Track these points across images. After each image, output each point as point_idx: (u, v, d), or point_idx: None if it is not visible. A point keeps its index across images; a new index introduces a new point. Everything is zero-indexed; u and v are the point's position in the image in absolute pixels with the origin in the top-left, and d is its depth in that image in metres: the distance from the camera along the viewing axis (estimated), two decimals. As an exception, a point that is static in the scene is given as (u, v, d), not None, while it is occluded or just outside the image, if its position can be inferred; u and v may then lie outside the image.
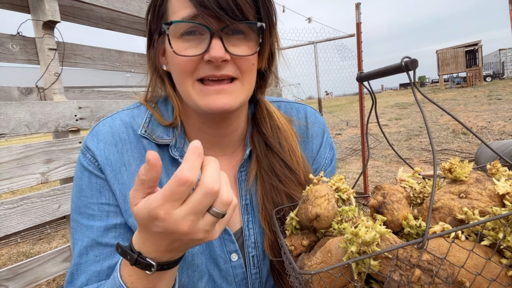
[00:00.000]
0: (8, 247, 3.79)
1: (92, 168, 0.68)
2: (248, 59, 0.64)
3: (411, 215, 0.50)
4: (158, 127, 0.73)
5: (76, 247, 0.68)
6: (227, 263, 0.73)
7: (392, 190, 0.54)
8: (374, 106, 0.61)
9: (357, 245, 0.42)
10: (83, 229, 0.68)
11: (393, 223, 0.51)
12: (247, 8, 0.59)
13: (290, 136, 0.79)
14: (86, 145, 0.70)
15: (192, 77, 0.63)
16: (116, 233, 0.68)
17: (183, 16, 0.60)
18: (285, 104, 0.87)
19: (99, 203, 0.68)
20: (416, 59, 0.45)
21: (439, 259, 0.40)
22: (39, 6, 1.52)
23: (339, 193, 0.58)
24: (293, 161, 0.75)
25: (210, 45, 0.59)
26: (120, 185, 0.68)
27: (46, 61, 1.57)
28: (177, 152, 0.72)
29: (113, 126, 0.71)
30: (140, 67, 2.19)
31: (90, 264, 0.66)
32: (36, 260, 1.51)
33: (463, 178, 0.51)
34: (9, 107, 1.36)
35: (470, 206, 0.46)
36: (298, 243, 0.58)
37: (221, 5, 0.57)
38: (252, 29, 0.63)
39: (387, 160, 6.13)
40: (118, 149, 0.69)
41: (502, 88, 19.86)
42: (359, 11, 3.94)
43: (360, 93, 4.13)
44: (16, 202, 1.37)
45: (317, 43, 8.37)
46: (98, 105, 1.72)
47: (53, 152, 1.50)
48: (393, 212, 0.51)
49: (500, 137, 6.75)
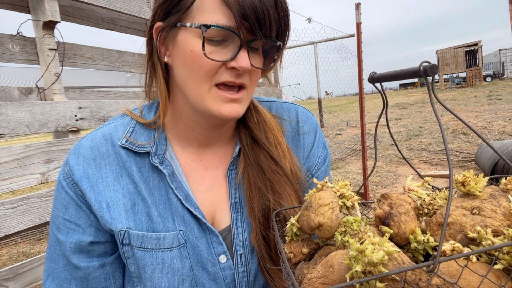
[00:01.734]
0: (8, 247, 3.79)
1: (65, 183, 0.71)
2: (259, 72, 0.68)
3: (419, 229, 0.47)
4: (141, 136, 0.74)
5: (49, 251, 0.73)
6: (216, 265, 0.73)
7: (399, 200, 0.52)
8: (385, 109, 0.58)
9: (362, 264, 0.39)
10: (53, 238, 0.73)
11: (399, 236, 0.48)
12: (275, 27, 0.62)
13: (275, 128, 0.80)
14: (67, 159, 0.73)
15: (211, 81, 0.64)
16: (77, 250, 0.72)
17: (218, 23, 0.59)
18: (277, 104, 0.87)
19: (64, 218, 0.71)
20: (436, 65, 0.42)
21: (450, 283, 0.37)
22: (39, 6, 1.52)
23: (343, 200, 0.55)
24: (278, 153, 0.76)
25: (238, 55, 0.61)
26: (96, 194, 0.70)
27: (46, 61, 1.57)
28: (157, 159, 0.72)
29: (93, 139, 0.73)
30: (140, 67, 2.18)
31: (61, 272, 0.72)
32: (36, 260, 1.51)
33: (477, 193, 0.48)
34: (9, 107, 1.36)
35: (483, 224, 0.44)
36: (297, 250, 0.55)
37: (259, 20, 0.59)
38: (270, 45, 0.66)
39: (387, 160, 6.12)
40: (96, 163, 0.72)
41: (502, 88, 19.86)
42: (359, 11, 3.94)
43: (360, 93, 4.13)
44: (16, 202, 1.37)
45: (317, 43, 8.37)
46: (98, 105, 1.72)
47: (53, 152, 1.50)
48: (400, 225, 0.48)
49: (500, 137, 6.74)
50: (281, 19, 0.63)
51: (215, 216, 0.76)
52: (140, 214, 0.71)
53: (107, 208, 0.69)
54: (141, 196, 0.71)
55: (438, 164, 5.44)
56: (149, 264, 0.70)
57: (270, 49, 0.67)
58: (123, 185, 0.71)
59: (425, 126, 9.34)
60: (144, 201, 0.71)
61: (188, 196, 0.72)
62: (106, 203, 0.69)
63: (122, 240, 0.69)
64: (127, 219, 0.70)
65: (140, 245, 0.69)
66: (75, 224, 0.71)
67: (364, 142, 4.16)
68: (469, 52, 29.84)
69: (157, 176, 0.72)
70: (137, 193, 0.71)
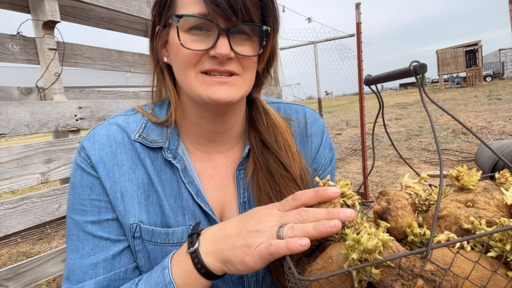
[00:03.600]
0: (8, 247, 3.79)
1: (84, 165, 0.71)
2: (251, 58, 0.67)
3: (415, 223, 0.49)
4: (153, 132, 0.75)
5: (71, 243, 0.70)
6: None
7: (397, 196, 0.53)
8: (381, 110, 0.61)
9: (358, 252, 0.40)
10: (75, 225, 0.70)
11: (396, 230, 0.50)
12: (254, 11, 0.62)
13: (286, 132, 0.80)
14: (82, 145, 0.73)
15: (195, 69, 0.65)
16: (110, 228, 0.70)
17: (193, 12, 0.62)
18: (285, 105, 0.88)
19: (91, 199, 0.70)
20: (425, 64, 0.45)
21: (443, 269, 0.39)
22: (39, 6, 1.52)
23: (344, 199, 0.57)
24: (288, 157, 0.76)
25: (217, 42, 0.62)
26: (112, 182, 0.70)
27: (46, 61, 1.57)
28: (170, 153, 0.73)
29: (109, 130, 0.74)
30: (140, 67, 2.19)
31: (86, 258, 0.68)
32: (36, 260, 1.51)
33: (471, 186, 0.50)
34: (9, 107, 1.36)
35: (477, 215, 0.45)
36: None
37: (232, 5, 0.60)
38: (256, 31, 0.67)
39: (387, 160, 6.13)
40: (112, 150, 0.72)
41: (502, 88, 19.86)
42: (359, 11, 3.94)
43: (360, 93, 4.13)
44: (16, 202, 1.37)
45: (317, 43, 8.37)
46: (98, 105, 1.72)
47: (53, 152, 1.50)
48: (397, 219, 0.50)
49: (500, 137, 6.74)
50: (263, 2, 0.64)
51: (223, 215, 0.77)
52: (153, 206, 0.72)
53: (121, 199, 0.70)
54: (154, 188, 0.72)
55: (437, 164, 5.44)
56: (160, 257, 0.71)
57: (258, 34, 0.67)
58: (138, 176, 0.72)
59: (425, 126, 9.34)
60: (157, 193, 0.72)
61: (199, 191, 0.73)
62: (120, 193, 0.70)
63: (133, 233, 0.70)
64: (140, 212, 0.70)
65: (151, 239, 0.70)
66: (105, 201, 0.70)
67: (364, 142, 4.16)
68: (469, 52, 29.84)
69: (169, 170, 0.74)
70: (151, 185, 0.72)
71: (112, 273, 0.69)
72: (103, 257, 0.68)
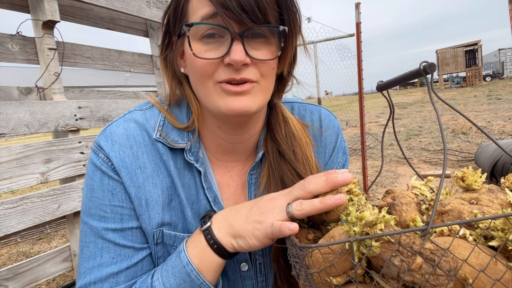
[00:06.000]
0: (8, 247, 3.79)
1: (105, 168, 0.66)
2: (269, 63, 0.62)
3: (419, 218, 0.49)
4: (172, 131, 0.70)
5: (88, 250, 0.65)
6: (236, 273, 0.72)
7: (402, 194, 0.54)
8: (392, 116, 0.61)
9: (360, 226, 0.42)
10: (92, 231, 0.65)
11: (400, 224, 0.50)
12: (270, 11, 0.57)
13: (305, 143, 0.76)
14: (99, 145, 0.67)
15: (212, 79, 0.61)
16: (133, 236, 0.66)
17: (202, 15, 0.58)
18: (299, 105, 0.84)
19: (112, 205, 0.65)
20: (434, 63, 0.46)
21: (442, 249, 0.39)
22: (39, 6, 1.52)
23: (351, 195, 0.58)
24: (306, 171, 0.72)
25: (231, 48, 0.58)
26: (136, 188, 0.66)
27: (46, 61, 1.57)
28: (192, 156, 0.70)
29: (127, 128, 0.69)
30: (139, 67, 2.18)
31: (106, 267, 0.64)
32: (36, 260, 1.51)
33: (475, 186, 0.51)
34: (9, 107, 1.36)
35: (480, 211, 0.46)
36: (303, 236, 0.58)
37: (243, 7, 0.55)
38: (273, 32, 0.61)
39: (387, 160, 6.13)
40: (133, 151, 0.67)
41: (501, 88, 19.87)
42: (359, 11, 3.95)
43: (360, 93, 4.13)
44: (16, 202, 1.37)
45: (317, 42, 8.37)
46: (98, 105, 1.72)
47: (53, 152, 1.50)
48: (401, 213, 0.50)
49: (500, 137, 6.75)
50: (280, 1, 0.59)
51: None
52: (175, 210, 0.69)
53: (146, 207, 0.66)
54: (177, 192, 0.69)
55: (438, 164, 5.44)
56: None
57: (276, 35, 0.62)
58: (162, 179, 0.68)
59: (425, 126, 9.34)
60: (179, 198, 0.69)
61: (216, 198, 0.71)
62: (145, 200, 0.66)
63: (156, 240, 0.68)
64: (163, 217, 0.68)
65: (173, 244, 0.69)
66: (128, 208, 0.66)
67: (363, 141, 4.16)
68: (469, 51, 29.84)
69: (188, 174, 0.70)
70: (174, 189, 0.69)
71: (133, 280, 0.66)
72: (126, 266, 0.65)
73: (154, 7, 2.09)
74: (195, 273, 0.59)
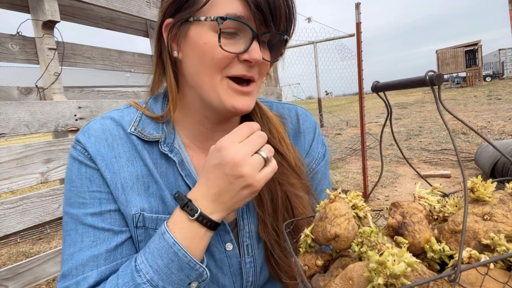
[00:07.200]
0: (7, 247, 3.79)
1: (82, 158, 0.69)
2: (268, 64, 0.68)
3: (433, 239, 0.47)
4: (148, 125, 0.74)
5: (69, 238, 0.67)
6: (222, 252, 0.74)
7: (411, 209, 0.52)
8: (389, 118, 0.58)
9: (384, 276, 0.39)
10: (73, 219, 0.68)
11: (414, 246, 0.48)
12: (284, 20, 0.63)
13: (279, 126, 0.81)
14: (77, 139, 0.71)
15: (222, 73, 0.64)
16: (112, 219, 0.68)
17: (229, 13, 0.60)
18: (277, 104, 0.90)
19: (90, 191, 0.68)
20: (441, 74, 0.41)
21: None
22: (39, 6, 1.52)
23: (355, 210, 0.55)
24: (283, 147, 0.77)
25: (251, 47, 0.61)
26: (111, 174, 0.69)
27: (45, 61, 1.57)
28: (167, 147, 0.73)
29: (103, 123, 0.73)
30: (140, 67, 2.18)
31: (86, 250, 0.66)
32: (36, 260, 1.51)
33: (486, 198, 0.49)
34: (8, 107, 1.36)
35: (495, 229, 0.44)
36: (312, 262, 0.55)
37: (272, 11, 0.59)
38: (281, 39, 0.67)
39: (386, 160, 6.12)
40: (108, 143, 0.71)
41: (501, 88, 19.86)
42: (359, 11, 3.94)
43: (360, 93, 4.13)
44: (16, 202, 1.37)
45: (317, 43, 8.37)
46: (98, 105, 1.72)
47: (53, 152, 1.50)
48: (414, 234, 0.48)
49: (500, 137, 6.75)
50: (291, 12, 0.64)
51: None
52: (154, 196, 0.71)
53: (122, 190, 0.69)
54: (154, 179, 0.71)
55: (437, 164, 5.44)
56: None
57: (277, 42, 0.67)
58: (137, 167, 0.71)
59: (425, 126, 9.34)
60: (157, 184, 0.71)
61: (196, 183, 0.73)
62: (121, 185, 0.69)
63: (136, 223, 0.69)
64: (141, 202, 0.69)
65: (155, 227, 0.69)
66: (106, 192, 0.69)
67: (364, 142, 4.16)
68: (469, 52, 29.84)
69: (165, 163, 0.73)
70: (150, 176, 0.71)
71: (114, 263, 0.67)
72: (105, 249, 0.66)
73: (154, 7, 2.09)
74: (183, 252, 0.60)
